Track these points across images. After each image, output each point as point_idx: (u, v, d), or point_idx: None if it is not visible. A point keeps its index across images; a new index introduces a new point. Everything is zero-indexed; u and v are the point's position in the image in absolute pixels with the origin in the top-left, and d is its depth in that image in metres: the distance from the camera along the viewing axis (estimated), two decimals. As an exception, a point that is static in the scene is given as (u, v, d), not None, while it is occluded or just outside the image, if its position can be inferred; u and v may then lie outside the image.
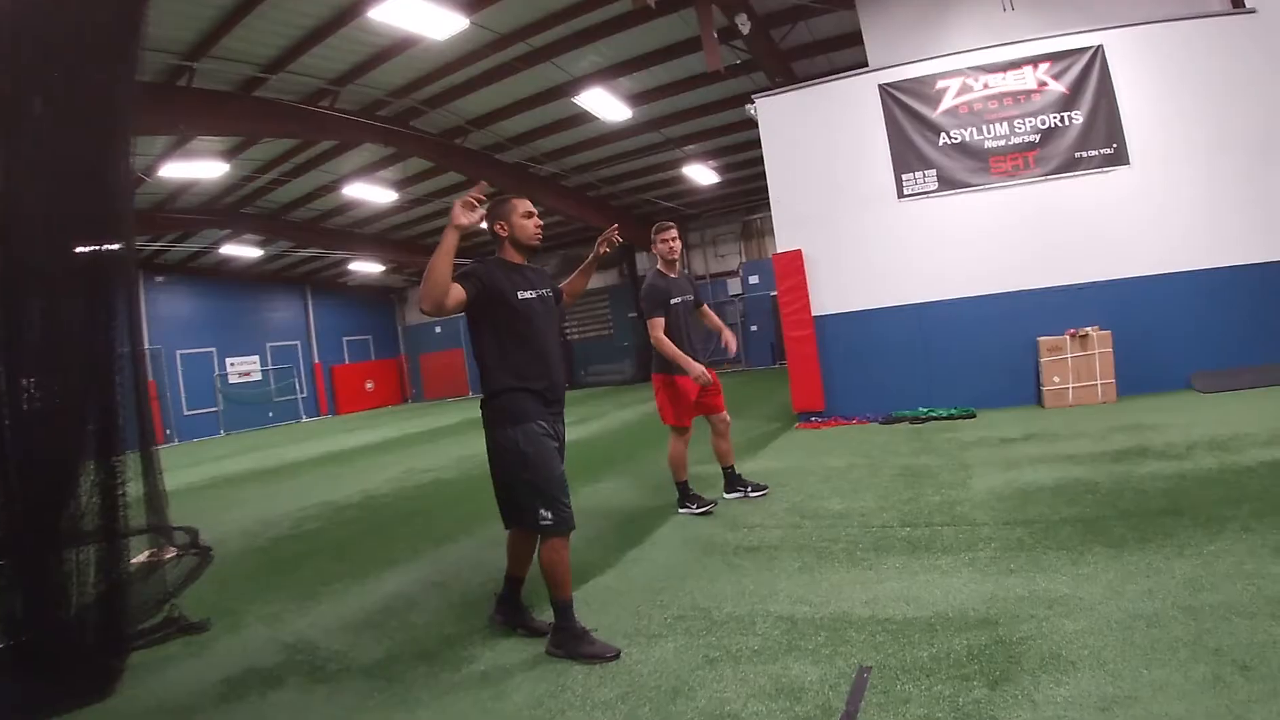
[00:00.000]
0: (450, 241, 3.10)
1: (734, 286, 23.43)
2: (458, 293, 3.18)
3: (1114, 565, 3.52)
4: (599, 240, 4.06)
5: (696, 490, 5.86)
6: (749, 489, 5.95)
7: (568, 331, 26.66)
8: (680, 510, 5.69)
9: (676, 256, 5.65)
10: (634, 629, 3.49)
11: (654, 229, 5.60)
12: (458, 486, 8.11)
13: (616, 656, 3.20)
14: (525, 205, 3.52)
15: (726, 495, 5.95)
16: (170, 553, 5.53)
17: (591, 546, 4.91)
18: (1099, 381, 8.42)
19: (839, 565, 4.06)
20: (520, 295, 3.40)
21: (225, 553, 5.99)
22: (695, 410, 5.63)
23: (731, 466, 5.99)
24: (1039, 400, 8.78)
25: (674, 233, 5.58)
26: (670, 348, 5.31)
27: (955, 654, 2.83)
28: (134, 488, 4.00)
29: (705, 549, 4.68)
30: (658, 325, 5.36)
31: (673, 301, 5.52)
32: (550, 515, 3.27)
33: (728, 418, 5.83)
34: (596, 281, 26.01)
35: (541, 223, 3.60)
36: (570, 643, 3.29)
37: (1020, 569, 3.64)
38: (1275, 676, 2.36)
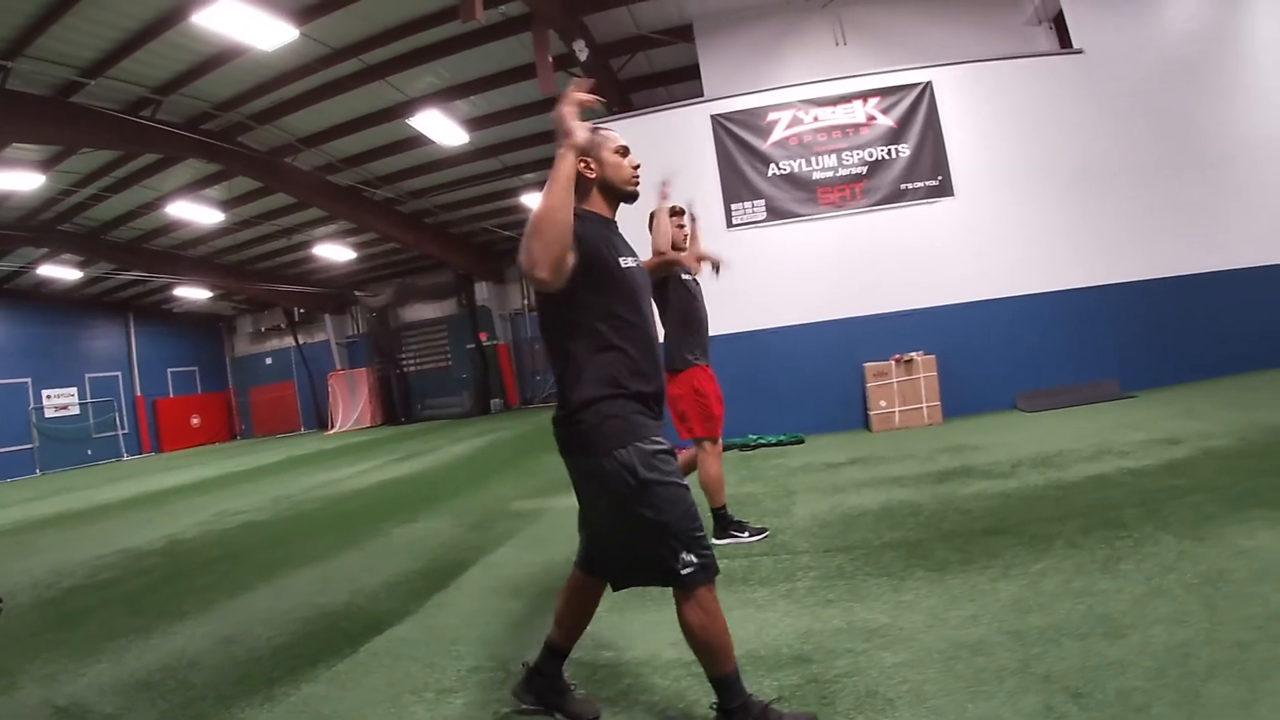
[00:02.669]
0: (568, 169, 2.17)
1: (574, 318, 23.38)
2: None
3: (936, 590, 3.31)
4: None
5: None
6: (746, 532, 4.74)
7: (403, 363, 25.76)
8: (721, 542, 4.57)
9: (685, 244, 4.89)
10: (424, 685, 3.07)
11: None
12: (268, 530, 7.50)
13: None
14: (617, 139, 2.59)
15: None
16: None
17: (394, 593, 4.55)
18: (924, 404, 8.61)
19: (650, 604, 3.65)
20: (624, 262, 2.48)
21: (14, 605, 5.47)
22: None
23: (723, 506, 4.79)
24: (867, 424, 8.87)
25: (684, 217, 4.83)
26: None
27: (764, 697, 2.46)
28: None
29: (513, 592, 4.28)
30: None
31: (684, 276, 4.73)
32: (695, 559, 2.28)
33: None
34: (433, 311, 25.34)
35: (639, 162, 2.65)
36: None
37: (839, 599, 3.38)
38: (1111, 703, 2.17)
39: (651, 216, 4.52)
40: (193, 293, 24.09)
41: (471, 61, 11.66)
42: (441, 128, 13.08)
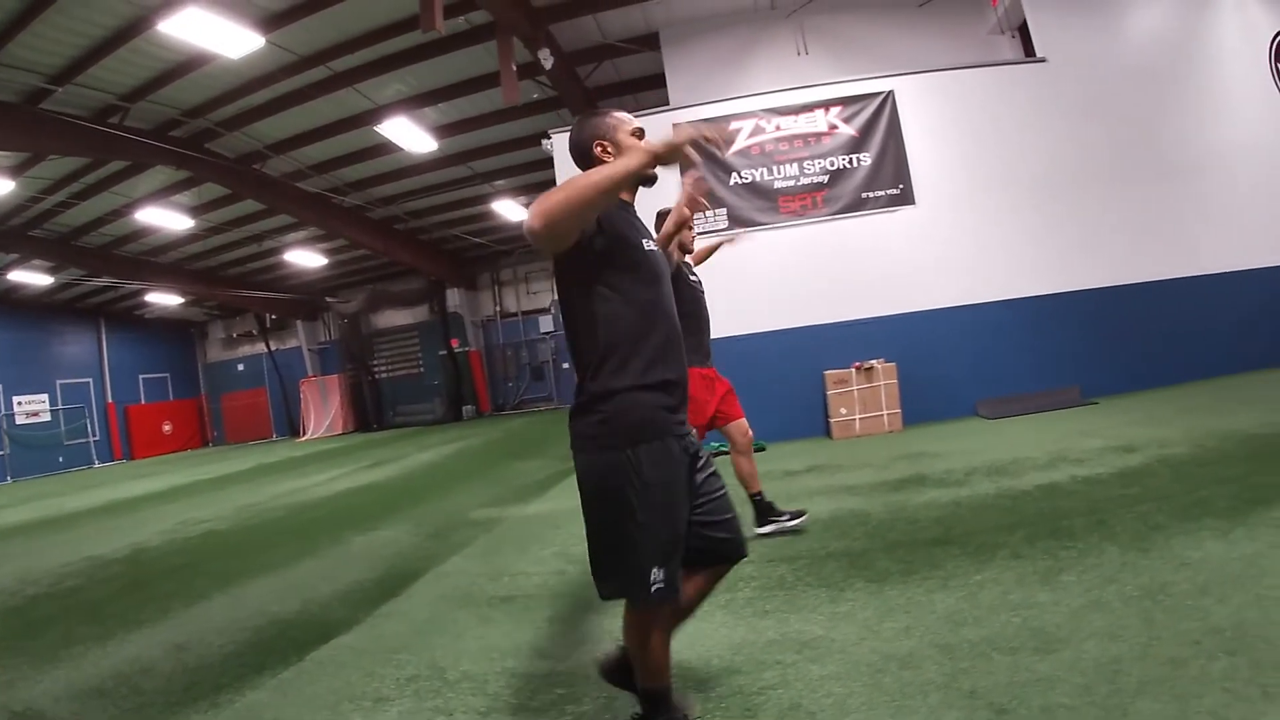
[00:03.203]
0: (636, 165, 2.06)
1: (546, 324, 23.63)
2: None
3: (873, 602, 3.27)
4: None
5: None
6: (786, 517, 4.76)
7: (375, 369, 25.57)
8: None
9: (692, 249, 4.87)
10: (362, 693, 3.11)
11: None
12: (229, 538, 7.46)
13: None
14: (632, 121, 2.47)
15: (759, 530, 4.70)
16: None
17: (346, 601, 4.57)
18: (884, 412, 8.62)
19: (593, 614, 3.66)
20: (646, 244, 2.37)
21: (-23, 614, 5.52)
22: (711, 423, 4.74)
23: (759, 493, 4.81)
24: (828, 432, 8.88)
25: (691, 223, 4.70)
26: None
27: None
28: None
29: (461, 601, 4.28)
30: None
31: (693, 279, 4.67)
32: (664, 577, 2.20)
33: (747, 427, 4.88)
34: (405, 318, 25.25)
35: None
36: None
37: (775, 610, 3.35)
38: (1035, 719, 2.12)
39: (659, 216, 4.49)
40: (164, 298, 23.78)
41: (439, 69, 11.62)
42: (409, 134, 12.97)
